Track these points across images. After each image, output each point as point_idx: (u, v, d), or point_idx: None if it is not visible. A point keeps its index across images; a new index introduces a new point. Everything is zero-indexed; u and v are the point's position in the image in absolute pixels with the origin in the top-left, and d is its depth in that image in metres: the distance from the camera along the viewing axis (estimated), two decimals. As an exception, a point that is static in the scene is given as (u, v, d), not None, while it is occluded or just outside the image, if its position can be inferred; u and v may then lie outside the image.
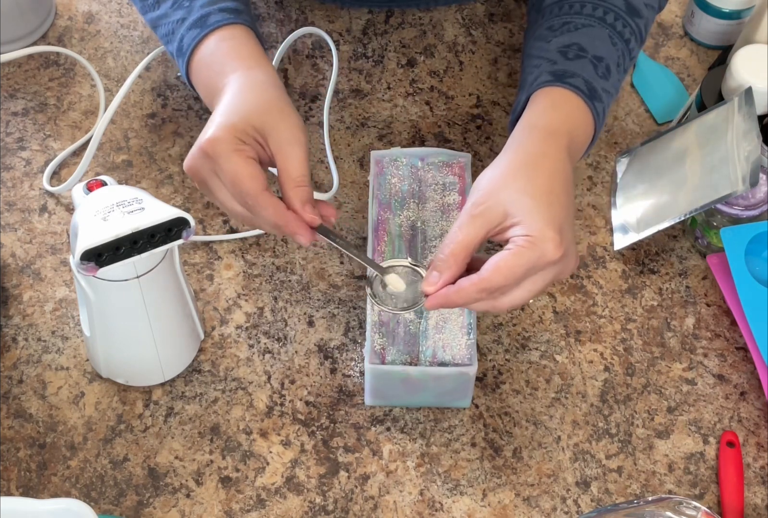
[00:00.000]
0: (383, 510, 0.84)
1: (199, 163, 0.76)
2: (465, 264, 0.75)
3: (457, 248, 0.75)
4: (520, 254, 0.73)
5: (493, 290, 0.73)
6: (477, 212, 0.75)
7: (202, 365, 0.90)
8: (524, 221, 0.74)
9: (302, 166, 0.76)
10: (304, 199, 0.76)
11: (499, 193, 0.75)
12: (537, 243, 0.73)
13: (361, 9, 1.12)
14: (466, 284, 0.73)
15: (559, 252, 0.73)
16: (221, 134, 0.75)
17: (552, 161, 0.78)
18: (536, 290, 0.75)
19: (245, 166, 0.75)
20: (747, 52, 0.96)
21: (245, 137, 0.76)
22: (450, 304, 0.75)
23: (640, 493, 0.85)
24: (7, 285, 0.94)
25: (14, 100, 1.05)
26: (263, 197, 0.75)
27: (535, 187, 0.75)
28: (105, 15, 1.11)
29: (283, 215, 0.75)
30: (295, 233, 0.76)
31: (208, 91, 0.83)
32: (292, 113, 0.78)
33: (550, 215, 0.74)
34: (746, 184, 0.87)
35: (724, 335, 0.93)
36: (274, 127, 0.76)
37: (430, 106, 1.06)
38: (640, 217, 0.95)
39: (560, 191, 0.76)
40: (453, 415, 0.88)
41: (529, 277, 0.74)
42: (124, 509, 0.84)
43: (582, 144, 0.83)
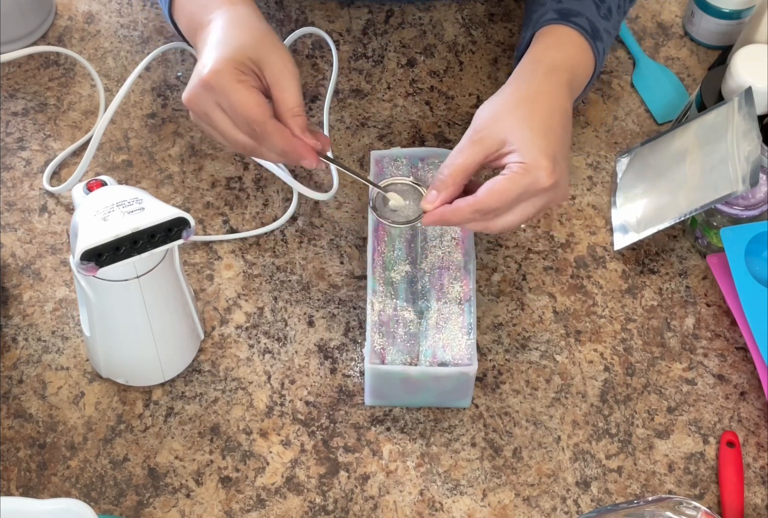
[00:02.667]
0: (383, 510, 0.84)
1: (201, 95, 0.78)
2: (462, 186, 0.80)
3: (455, 170, 0.80)
4: (513, 180, 0.77)
5: (487, 211, 0.78)
6: (477, 138, 0.80)
7: (202, 365, 0.90)
8: (520, 149, 0.78)
9: (298, 96, 0.79)
10: (302, 126, 0.79)
11: (499, 122, 0.80)
12: (530, 170, 0.77)
13: (361, 9, 1.12)
14: (462, 204, 0.78)
15: (550, 180, 0.77)
16: (222, 66, 0.78)
17: (552, 97, 0.82)
18: (527, 215, 0.79)
19: (251, 95, 0.78)
20: (747, 52, 0.96)
21: (244, 68, 0.79)
22: (445, 221, 0.80)
23: (640, 493, 0.85)
24: (7, 285, 0.94)
25: (14, 100, 1.05)
26: (271, 123, 0.78)
27: (534, 119, 0.80)
28: (105, 15, 1.11)
29: (290, 140, 0.79)
30: (303, 157, 0.79)
31: (192, 25, 0.85)
32: (282, 46, 0.81)
33: (545, 145, 0.78)
34: (746, 184, 0.87)
35: (724, 335, 0.93)
36: (268, 59, 0.79)
37: (430, 106, 1.06)
38: (640, 217, 0.95)
39: (557, 124, 0.81)
40: (453, 415, 0.88)
41: (521, 202, 0.79)
42: (124, 509, 0.84)
43: (582, 82, 0.88)
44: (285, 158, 0.80)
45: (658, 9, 1.13)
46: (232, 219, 0.98)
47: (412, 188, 0.85)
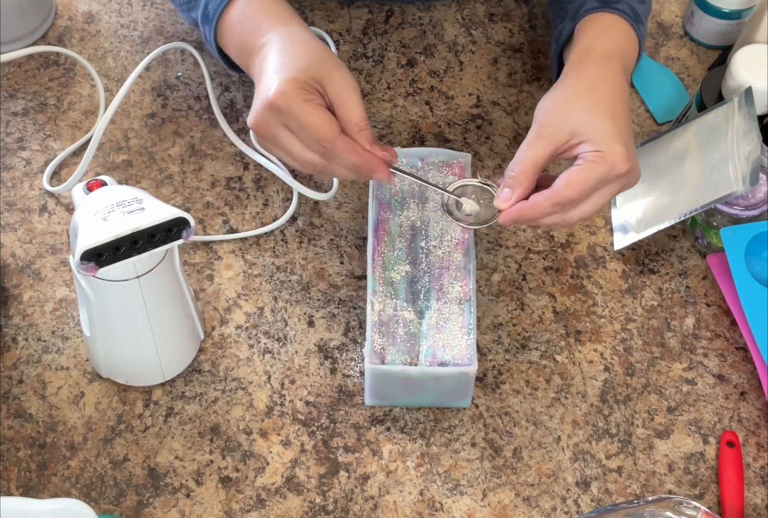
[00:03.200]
0: (383, 510, 0.84)
1: (269, 118, 0.79)
2: (535, 181, 0.80)
3: (527, 166, 0.79)
4: (590, 169, 0.78)
5: (565, 203, 0.78)
6: (544, 132, 0.80)
7: (202, 365, 0.90)
8: (591, 138, 0.78)
9: (361, 110, 0.80)
10: (370, 140, 0.80)
11: (565, 113, 0.80)
12: (606, 157, 0.78)
13: (361, 9, 1.12)
14: (540, 198, 0.78)
15: (627, 165, 0.78)
16: (288, 87, 0.78)
17: (611, 83, 0.83)
18: (602, 203, 0.80)
19: (319, 113, 0.78)
20: (747, 52, 0.96)
21: (309, 88, 0.79)
22: (523, 218, 0.79)
23: (640, 493, 0.85)
24: (7, 285, 0.94)
25: (14, 100, 1.05)
26: (341, 139, 0.78)
27: (599, 106, 0.80)
28: (105, 15, 1.11)
29: (362, 154, 0.79)
30: (375, 170, 0.80)
31: (244, 51, 0.85)
32: (341, 63, 0.82)
33: (616, 131, 0.79)
34: (746, 184, 0.87)
35: (724, 335, 0.93)
36: (330, 77, 0.79)
37: (430, 106, 1.05)
38: (640, 217, 0.95)
39: (621, 109, 0.81)
40: (453, 415, 0.88)
41: (598, 190, 0.79)
42: (124, 509, 0.84)
43: (632, 65, 0.88)
44: (356, 173, 0.80)
45: (658, 9, 1.13)
46: (232, 219, 0.98)
47: (481, 189, 0.84)
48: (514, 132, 1.04)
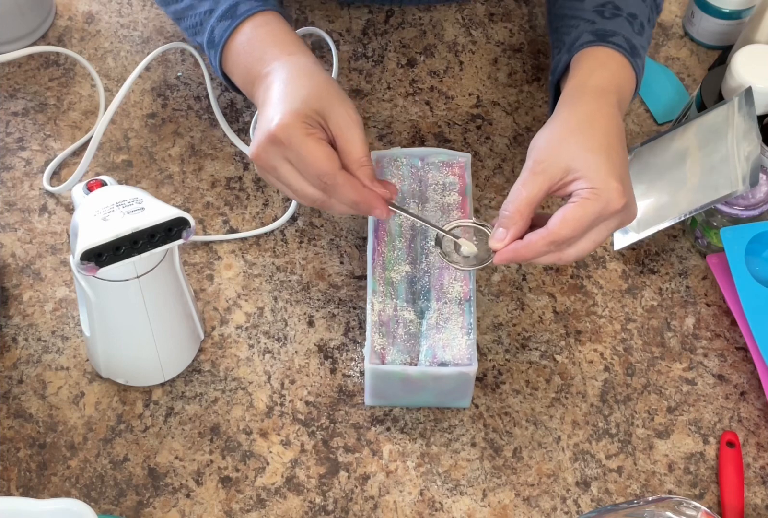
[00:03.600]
0: (383, 510, 0.84)
1: (269, 150, 0.78)
2: (530, 219, 0.79)
3: (522, 204, 0.78)
4: (585, 206, 0.76)
5: (561, 242, 0.77)
6: (539, 169, 0.78)
7: (202, 365, 0.90)
8: (586, 174, 0.77)
9: (364, 146, 0.79)
10: (371, 176, 0.79)
11: (559, 150, 0.79)
12: (601, 194, 0.76)
13: (361, 9, 1.12)
14: (535, 238, 0.77)
15: (622, 201, 0.77)
16: (290, 120, 0.77)
17: (606, 118, 0.82)
18: (600, 240, 0.79)
19: (320, 148, 0.77)
20: (747, 52, 0.96)
21: (311, 121, 0.78)
22: (519, 258, 0.78)
23: (640, 493, 0.85)
24: (7, 285, 0.94)
25: (14, 100, 1.05)
26: (341, 175, 0.78)
27: (594, 142, 0.79)
28: (105, 15, 1.11)
29: (361, 191, 0.78)
30: (374, 207, 0.79)
31: (248, 79, 0.84)
32: (344, 95, 0.81)
33: (611, 167, 0.78)
34: (746, 184, 0.87)
35: (724, 335, 0.93)
36: (333, 111, 0.79)
37: (430, 106, 1.06)
38: (640, 217, 0.95)
39: (617, 144, 0.80)
40: (453, 415, 0.88)
41: (594, 227, 0.78)
42: (124, 509, 0.84)
43: (628, 100, 0.87)
44: (355, 209, 0.80)
45: (658, 9, 1.13)
46: (232, 219, 0.98)
47: (476, 229, 0.83)
48: (514, 132, 1.04)
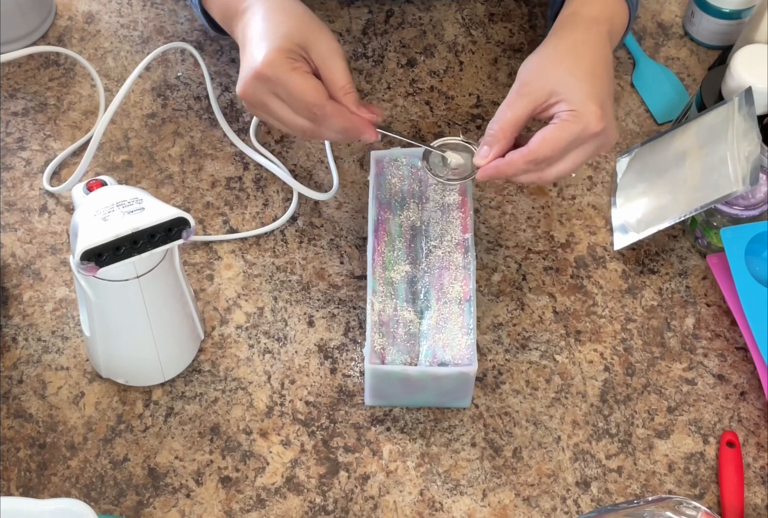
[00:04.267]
0: (383, 510, 0.84)
1: (257, 87, 0.81)
2: (513, 139, 0.82)
3: (506, 124, 0.81)
4: (564, 127, 0.79)
5: (540, 161, 0.80)
6: (524, 91, 0.82)
7: (202, 365, 0.90)
8: (568, 97, 0.80)
9: (346, 74, 0.82)
10: (356, 102, 0.82)
11: (545, 74, 0.82)
12: (580, 116, 0.79)
13: (361, 9, 1.12)
14: (516, 156, 0.80)
15: (601, 124, 0.80)
16: (274, 56, 0.80)
17: (594, 46, 0.84)
18: (579, 162, 0.81)
19: (307, 80, 0.80)
20: (747, 52, 0.96)
21: (294, 55, 0.81)
22: (500, 174, 0.81)
23: (640, 493, 0.85)
24: (7, 285, 0.94)
25: (14, 100, 1.05)
26: (330, 105, 0.80)
27: (579, 68, 0.82)
28: (105, 15, 1.11)
29: (350, 117, 0.81)
30: (363, 132, 0.82)
31: (227, 15, 0.87)
32: (323, 26, 0.84)
33: (592, 92, 0.80)
34: (746, 184, 0.87)
35: (724, 335, 0.93)
36: (314, 42, 0.82)
37: (430, 106, 1.05)
38: (640, 217, 0.95)
39: (602, 72, 0.83)
40: (453, 415, 0.88)
41: (573, 149, 0.81)
42: (124, 509, 0.84)
43: (619, 32, 0.89)
44: (345, 136, 0.82)
45: (658, 9, 1.13)
46: (232, 219, 0.98)
47: (463, 147, 0.85)
48: (514, 132, 1.04)
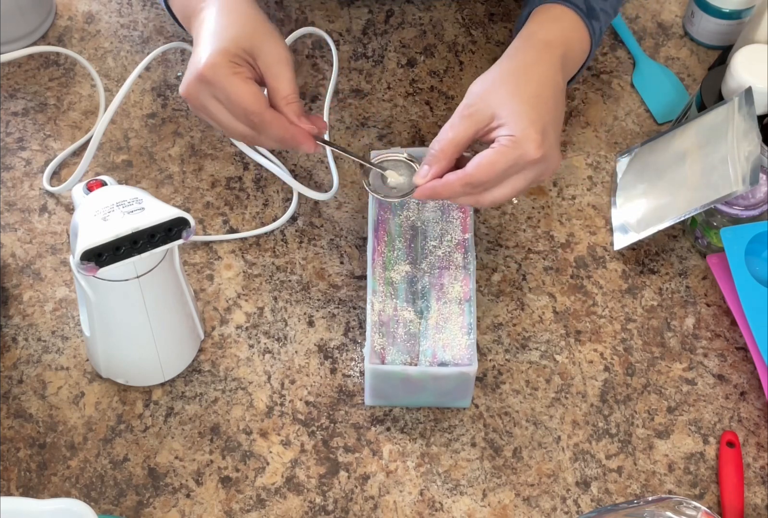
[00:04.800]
0: (383, 510, 0.84)
1: (198, 88, 0.80)
2: (453, 160, 0.81)
3: (446, 145, 0.80)
4: (501, 153, 0.78)
5: (476, 185, 0.78)
6: (467, 112, 0.80)
7: (202, 365, 0.90)
8: (509, 122, 0.79)
9: (291, 83, 0.81)
10: (297, 113, 0.81)
11: (489, 96, 0.81)
12: (519, 143, 0.78)
13: (361, 9, 1.11)
14: (452, 178, 0.79)
15: (539, 152, 0.78)
16: (217, 59, 0.79)
17: (543, 69, 0.83)
18: (517, 188, 0.80)
19: (247, 86, 0.79)
20: (747, 52, 0.96)
21: (239, 59, 0.80)
22: (437, 195, 0.80)
23: (640, 493, 0.85)
24: (7, 285, 0.94)
25: (14, 100, 1.05)
26: (268, 113, 0.80)
27: (524, 91, 0.80)
28: (105, 15, 1.11)
29: (287, 128, 0.80)
30: (301, 142, 0.81)
31: (186, 13, 0.86)
32: (275, 33, 0.82)
33: (534, 118, 0.79)
34: (746, 184, 0.87)
35: (724, 335, 0.93)
36: (262, 48, 0.81)
37: (430, 106, 1.05)
38: (640, 217, 0.95)
39: (548, 96, 0.81)
40: (453, 415, 0.88)
41: (511, 175, 0.79)
42: (124, 509, 0.84)
43: (577, 59, 0.88)
44: (283, 145, 0.82)
45: (658, 9, 1.13)
46: (232, 219, 0.98)
47: (406, 164, 0.85)
48: (514, 132, 1.04)
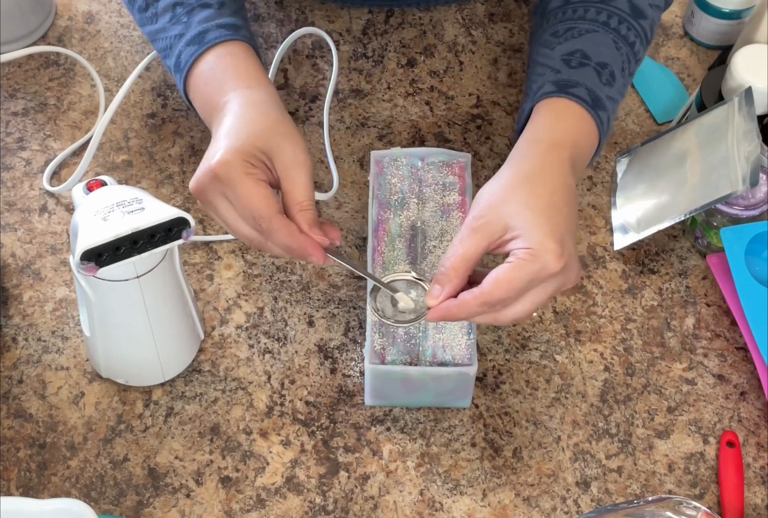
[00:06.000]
0: (383, 510, 0.84)
1: (208, 185, 0.76)
2: (466, 277, 0.76)
3: (457, 261, 0.75)
4: (520, 267, 0.73)
5: (494, 303, 0.73)
6: (477, 225, 0.75)
7: (202, 365, 0.90)
8: (524, 234, 0.73)
9: (307, 189, 0.76)
10: (310, 221, 0.76)
11: (500, 206, 0.75)
12: (537, 255, 0.73)
13: (361, 9, 1.12)
14: (468, 297, 0.74)
15: (560, 264, 0.73)
16: (231, 157, 0.75)
17: (554, 175, 0.78)
18: (538, 302, 0.75)
19: (258, 189, 0.75)
20: (747, 52, 0.96)
21: (254, 159, 0.76)
22: (451, 317, 0.75)
23: (640, 493, 0.85)
24: (7, 285, 0.94)
25: (14, 100, 1.05)
26: (277, 219, 0.75)
27: (536, 200, 0.75)
28: (105, 15, 1.11)
29: (297, 237, 0.75)
30: (310, 254, 0.76)
31: (207, 108, 0.82)
32: (295, 134, 0.78)
33: (551, 228, 0.74)
34: (746, 184, 0.87)
35: (724, 335, 0.93)
36: (279, 150, 0.76)
37: (430, 106, 1.06)
38: (640, 217, 0.95)
39: (562, 204, 0.76)
40: (453, 415, 0.88)
41: (531, 289, 0.74)
42: (124, 509, 0.84)
43: (586, 155, 0.83)
44: (291, 254, 0.77)
45: (658, 9, 1.13)
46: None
47: (414, 283, 0.80)
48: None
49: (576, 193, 0.78)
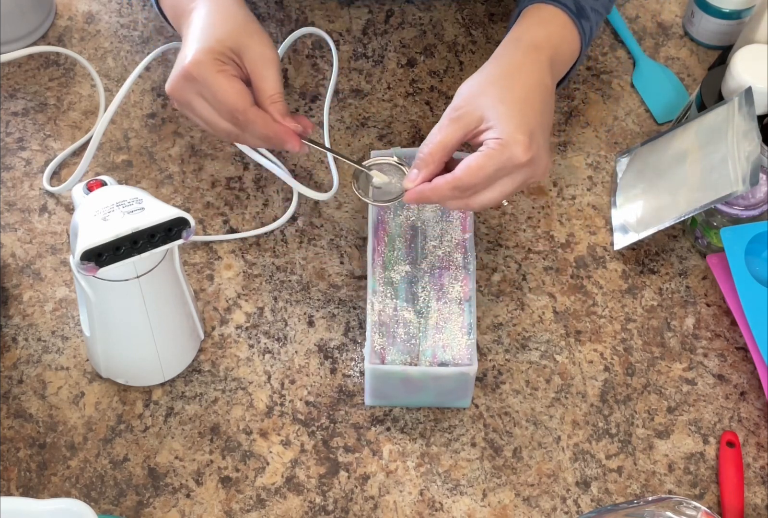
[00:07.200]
0: (383, 510, 0.84)
1: (183, 86, 0.81)
2: (442, 163, 0.81)
3: (435, 148, 0.80)
4: (489, 156, 0.78)
5: (465, 188, 0.78)
6: (455, 115, 0.81)
7: (202, 365, 0.90)
8: (496, 125, 0.79)
9: (276, 82, 0.81)
10: (282, 112, 0.81)
11: (478, 99, 0.81)
12: (506, 146, 0.78)
13: (361, 9, 1.12)
14: (441, 182, 0.79)
15: (527, 155, 0.78)
16: (203, 56, 0.80)
17: (531, 72, 0.83)
18: (506, 192, 0.80)
19: (231, 84, 0.80)
20: (747, 52, 0.96)
21: (224, 58, 0.81)
22: (426, 199, 0.80)
23: (640, 493, 0.85)
24: (7, 285, 0.94)
25: (14, 100, 1.05)
26: (252, 111, 0.80)
27: (511, 95, 0.80)
28: (105, 15, 1.11)
29: (272, 125, 0.81)
30: (285, 141, 0.81)
31: (176, 13, 0.87)
32: (261, 32, 0.83)
33: (522, 121, 0.79)
34: (746, 184, 0.87)
35: (724, 335, 0.93)
36: (248, 48, 0.81)
37: (430, 106, 1.05)
38: (640, 217, 0.95)
39: (536, 99, 0.81)
40: (453, 415, 0.88)
41: (499, 178, 0.79)
42: (124, 509, 0.84)
43: (566, 61, 0.88)
44: (268, 143, 0.82)
45: (658, 9, 1.13)
46: (232, 219, 0.98)
47: (396, 168, 0.86)
48: (514, 132, 1.04)
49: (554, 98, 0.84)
